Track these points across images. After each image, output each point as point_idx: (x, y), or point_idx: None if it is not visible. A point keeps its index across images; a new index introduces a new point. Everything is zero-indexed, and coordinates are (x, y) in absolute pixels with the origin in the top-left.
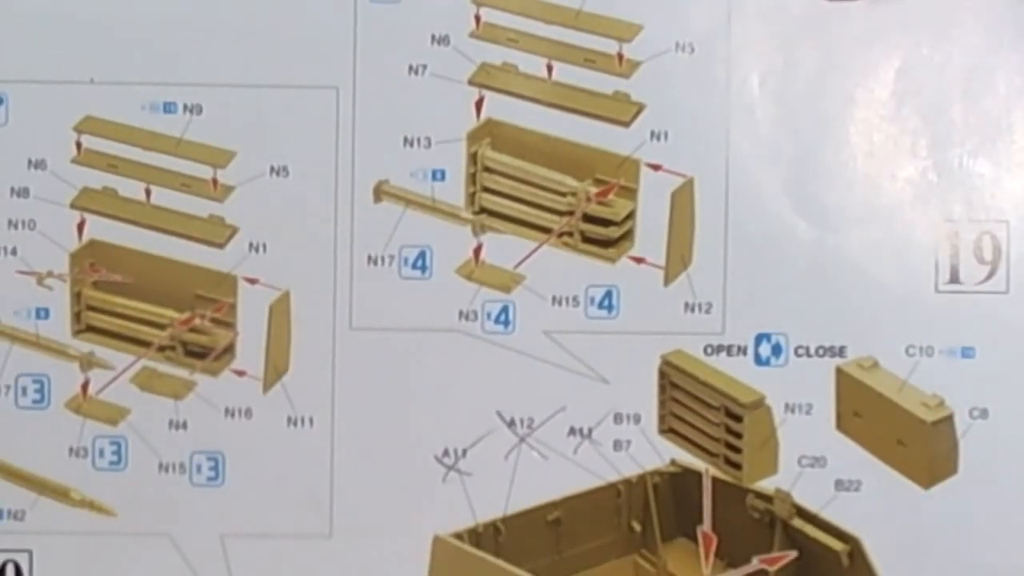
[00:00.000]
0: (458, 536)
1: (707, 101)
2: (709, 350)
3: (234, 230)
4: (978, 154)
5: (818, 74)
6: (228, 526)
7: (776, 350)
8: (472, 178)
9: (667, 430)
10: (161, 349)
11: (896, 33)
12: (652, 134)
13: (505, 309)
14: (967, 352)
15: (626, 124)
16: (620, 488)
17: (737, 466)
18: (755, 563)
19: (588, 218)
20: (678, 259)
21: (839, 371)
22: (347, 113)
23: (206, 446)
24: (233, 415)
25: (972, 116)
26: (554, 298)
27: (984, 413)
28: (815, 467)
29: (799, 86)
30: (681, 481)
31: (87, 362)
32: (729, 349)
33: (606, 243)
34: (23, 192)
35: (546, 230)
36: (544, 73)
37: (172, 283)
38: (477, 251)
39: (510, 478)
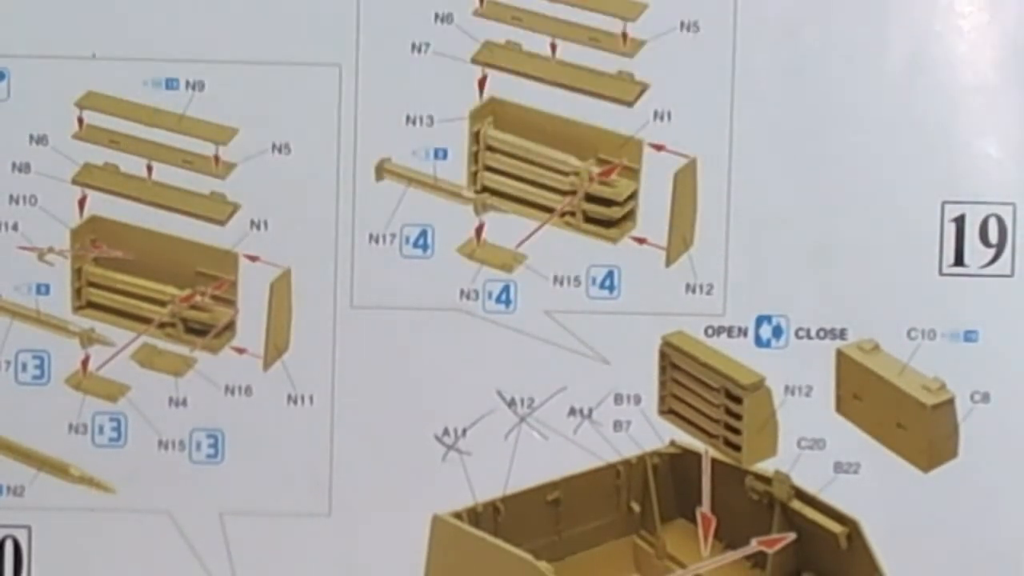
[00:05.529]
0: (457, 515)
1: (711, 81)
2: (710, 331)
3: (235, 207)
4: (985, 135)
5: (823, 53)
6: (227, 504)
7: (777, 332)
8: (474, 157)
9: (667, 411)
10: (161, 326)
11: (904, 11)
12: (656, 114)
13: (506, 288)
14: (970, 336)
15: (630, 104)
16: (620, 469)
17: (736, 448)
18: (754, 545)
19: (590, 198)
20: (680, 240)
21: (840, 353)
22: (349, 91)
23: (206, 423)
24: (233, 392)
25: (980, 96)
26: (555, 278)
27: (986, 397)
28: (814, 449)
29: (804, 66)
30: (681, 462)
31: (87, 338)
32: (730, 330)
33: (608, 223)
34: (24, 167)
35: (548, 209)
36: (548, 52)
37: (173, 260)
38: (479, 230)
39: (510, 458)
